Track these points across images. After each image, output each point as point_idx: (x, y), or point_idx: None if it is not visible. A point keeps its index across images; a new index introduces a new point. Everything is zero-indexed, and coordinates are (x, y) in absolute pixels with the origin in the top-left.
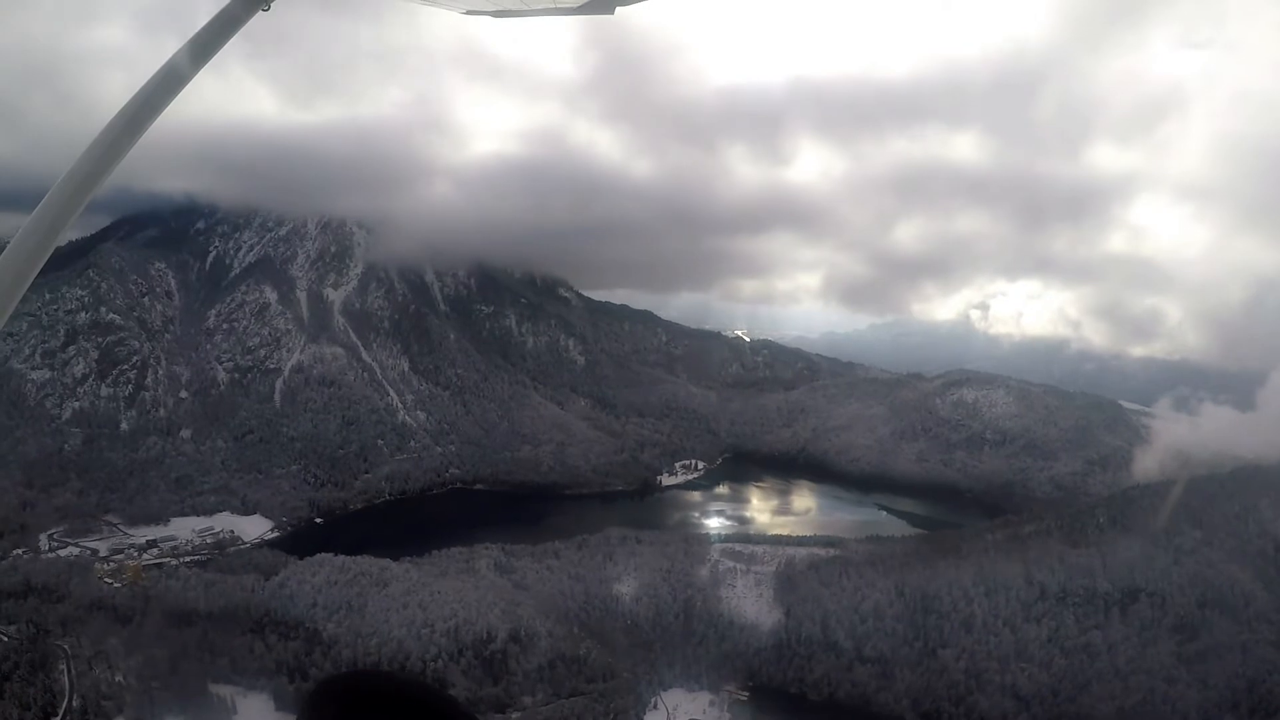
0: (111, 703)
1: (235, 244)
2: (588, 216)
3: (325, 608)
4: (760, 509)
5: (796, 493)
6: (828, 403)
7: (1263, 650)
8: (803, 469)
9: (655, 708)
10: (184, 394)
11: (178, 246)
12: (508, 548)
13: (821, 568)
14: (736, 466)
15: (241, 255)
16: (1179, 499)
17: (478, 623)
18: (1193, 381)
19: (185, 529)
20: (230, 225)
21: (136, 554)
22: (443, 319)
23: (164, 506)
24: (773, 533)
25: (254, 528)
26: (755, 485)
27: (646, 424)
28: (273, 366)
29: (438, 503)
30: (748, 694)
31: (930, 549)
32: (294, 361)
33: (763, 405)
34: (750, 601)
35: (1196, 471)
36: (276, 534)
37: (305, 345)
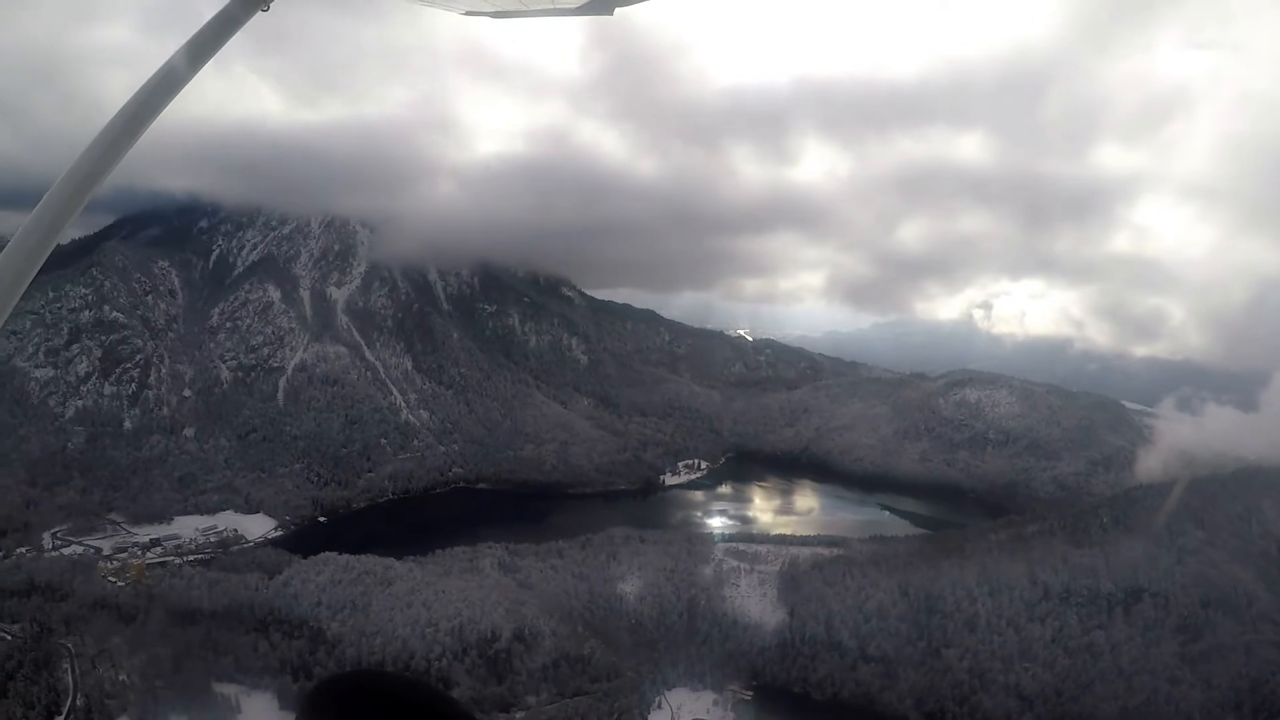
0: (115, 701)
1: (238, 243)
2: (591, 216)
3: (329, 607)
4: (763, 508)
5: (799, 492)
6: (831, 402)
7: (1266, 651)
8: (806, 468)
9: (659, 707)
10: (187, 392)
11: (181, 245)
12: (511, 547)
13: (825, 567)
14: (739, 466)
15: (245, 254)
16: (1182, 499)
17: (482, 622)
18: (1196, 382)
19: (188, 528)
20: (233, 224)
21: (140, 552)
22: (446, 318)
23: (167, 505)
24: (776, 532)
25: (257, 526)
26: (758, 485)
27: (649, 423)
28: (276, 365)
29: (441, 502)
30: (752, 693)
31: (934, 549)
32: (297, 360)
33: (765, 405)
34: (754, 601)
35: (1199, 472)
36: (280, 533)
37: (308, 344)
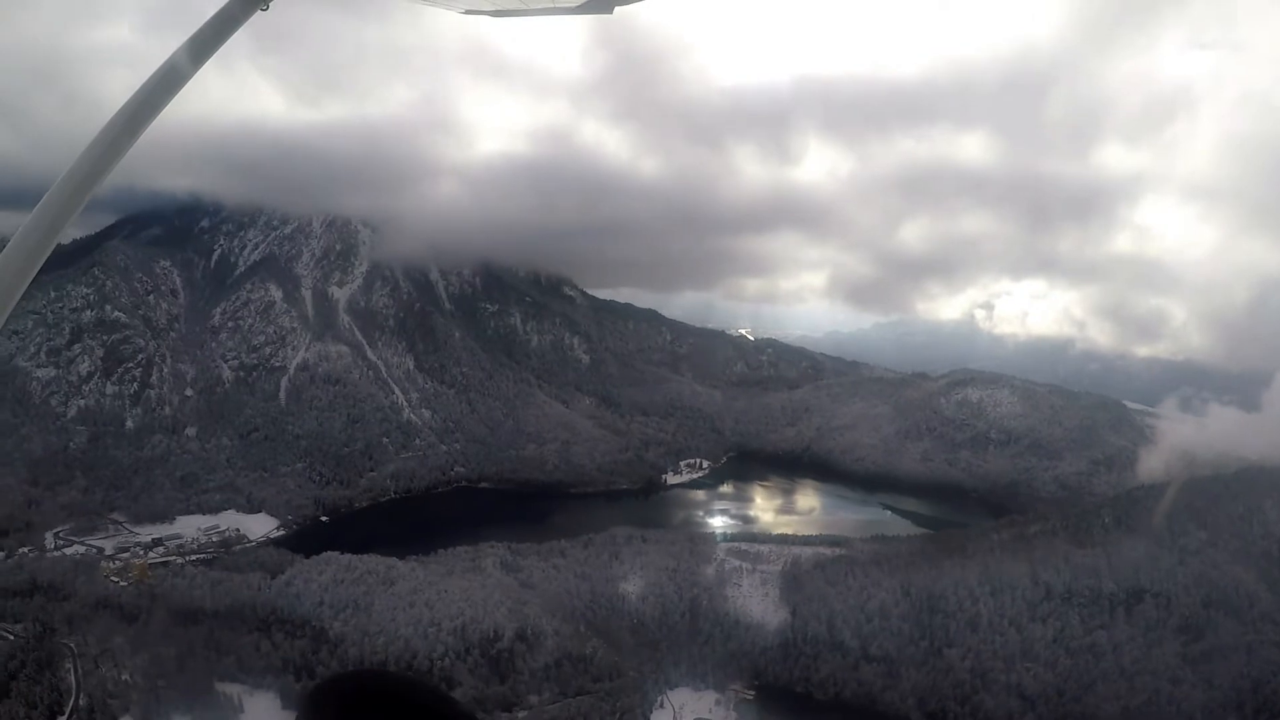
0: (118, 701)
1: (240, 242)
2: (593, 216)
3: (332, 606)
4: (765, 508)
5: (801, 492)
6: (832, 402)
7: (1267, 651)
8: (807, 468)
9: (661, 706)
10: (189, 392)
11: (183, 245)
12: (514, 546)
13: (827, 567)
14: (741, 465)
15: (246, 253)
16: (1184, 500)
17: (484, 621)
18: (1197, 382)
19: (191, 527)
20: (235, 223)
21: (142, 552)
22: (447, 317)
23: (169, 505)
24: (778, 532)
25: (259, 526)
26: (760, 484)
27: (651, 423)
28: (278, 364)
29: (443, 501)
30: (754, 693)
31: (936, 549)
32: (299, 360)
33: (767, 404)
34: (756, 601)
35: (1201, 472)
36: (282, 532)
37: (310, 343)
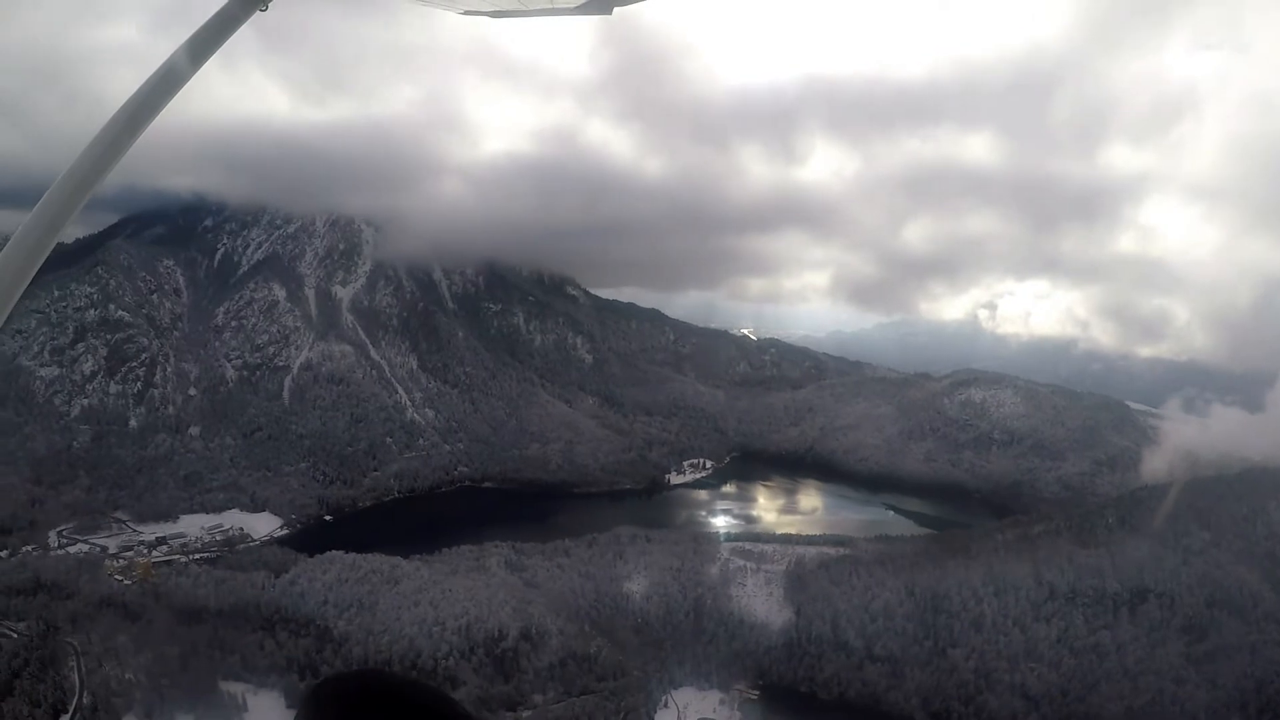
0: (121, 700)
1: (243, 241)
2: (597, 215)
3: (336, 605)
4: (768, 508)
5: (804, 492)
6: (835, 402)
7: (1271, 651)
8: (810, 468)
9: (666, 706)
10: (192, 391)
11: (186, 244)
12: (518, 546)
13: (831, 567)
14: (744, 465)
15: (250, 253)
16: (1187, 500)
17: (489, 621)
18: (1201, 382)
19: (194, 526)
20: (238, 223)
21: (146, 551)
22: (451, 317)
23: (173, 503)
24: (781, 531)
25: (263, 525)
26: (763, 484)
27: (654, 422)
28: (281, 364)
29: (447, 500)
30: (758, 693)
31: (939, 549)
32: (302, 359)
33: (770, 404)
34: (760, 600)
35: (1204, 473)
36: (286, 531)
37: (314, 343)
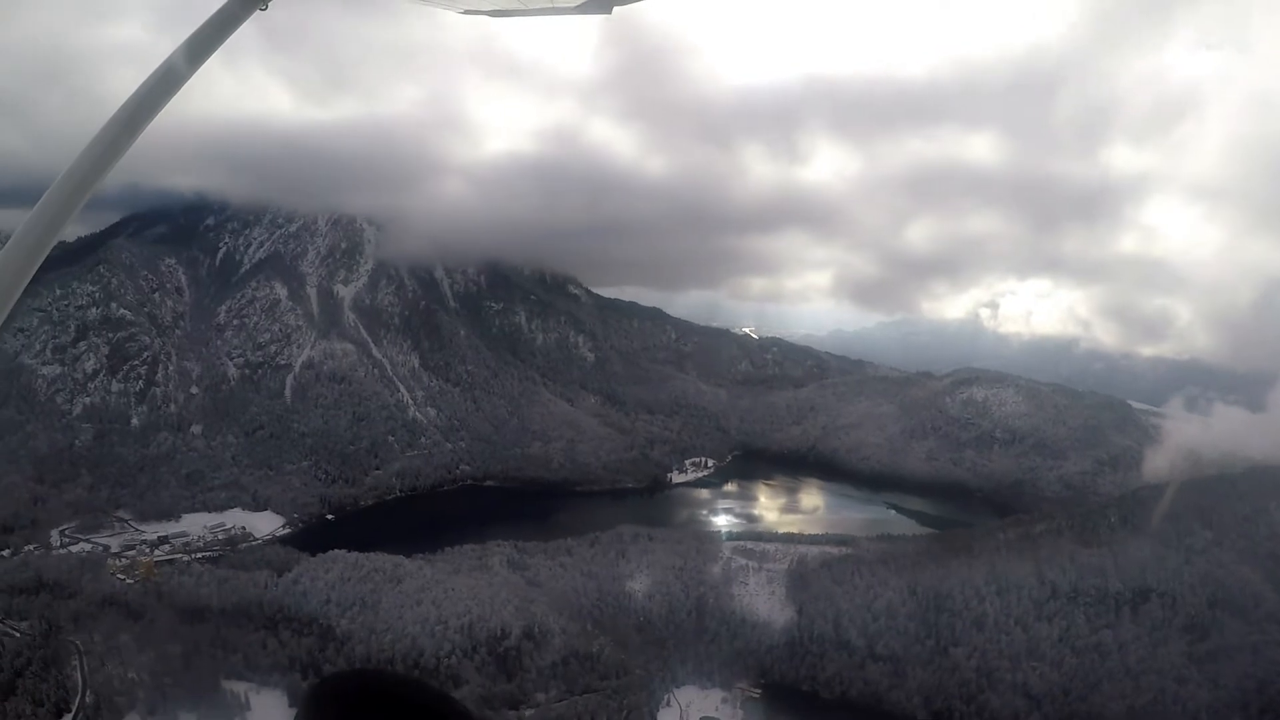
0: (124, 699)
1: (245, 240)
2: (599, 215)
3: (338, 604)
4: (770, 507)
5: (806, 490)
6: (837, 401)
7: (1273, 651)
8: (812, 467)
9: (668, 705)
10: (195, 390)
11: (188, 243)
12: (520, 544)
13: (833, 566)
14: (746, 464)
15: (252, 251)
16: (1189, 499)
17: (491, 619)
18: (1203, 382)
19: (197, 525)
20: (240, 221)
21: (148, 550)
22: (453, 315)
23: (175, 502)
24: (783, 530)
25: (265, 524)
26: (765, 483)
27: (656, 421)
28: (283, 362)
29: (449, 499)
30: (760, 691)
31: (941, 548)
32: (304, 358)
33: (772, 403)
34: (762, 599)
35: (1207, 472)
36: (288, 530)
37: (316, 341)
